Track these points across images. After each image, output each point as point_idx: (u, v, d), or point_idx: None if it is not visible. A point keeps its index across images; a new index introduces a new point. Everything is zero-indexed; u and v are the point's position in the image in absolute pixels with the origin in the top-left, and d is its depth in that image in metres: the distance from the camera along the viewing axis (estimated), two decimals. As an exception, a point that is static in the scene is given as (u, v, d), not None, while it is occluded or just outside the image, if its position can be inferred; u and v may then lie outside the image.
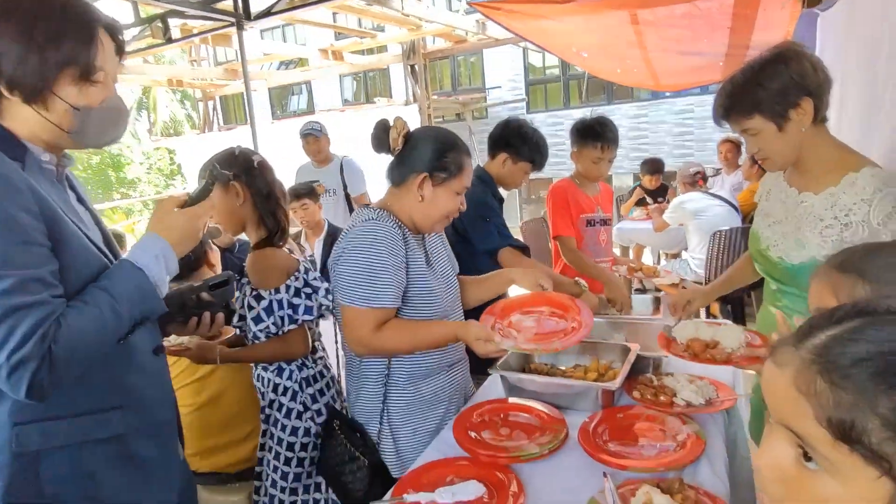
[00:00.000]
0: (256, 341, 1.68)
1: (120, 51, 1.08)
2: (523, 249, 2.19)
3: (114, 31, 1.06)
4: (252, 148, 4.61)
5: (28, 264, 0.92)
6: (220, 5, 4.87)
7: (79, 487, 1.06)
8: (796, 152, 1.39)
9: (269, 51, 8.28)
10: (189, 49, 9.79)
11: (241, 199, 1.65)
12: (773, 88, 1.33)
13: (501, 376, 1.61)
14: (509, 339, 1.36)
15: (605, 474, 1.11)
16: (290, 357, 1.72)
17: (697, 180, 4.28)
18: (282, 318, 1.66)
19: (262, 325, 1.66)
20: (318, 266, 3.52)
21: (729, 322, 1.51)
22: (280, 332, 1.66)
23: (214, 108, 10.15)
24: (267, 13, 4.89)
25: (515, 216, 10.70)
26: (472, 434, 1.41)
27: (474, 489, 1.17)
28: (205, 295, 1.31)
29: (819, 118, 1.36)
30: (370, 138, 1.57)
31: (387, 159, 1.60)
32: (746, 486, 1.65)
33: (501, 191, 2.40)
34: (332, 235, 3.38)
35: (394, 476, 1.54)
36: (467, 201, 1.68)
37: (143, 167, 18.92)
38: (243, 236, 4.14)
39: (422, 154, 1.50)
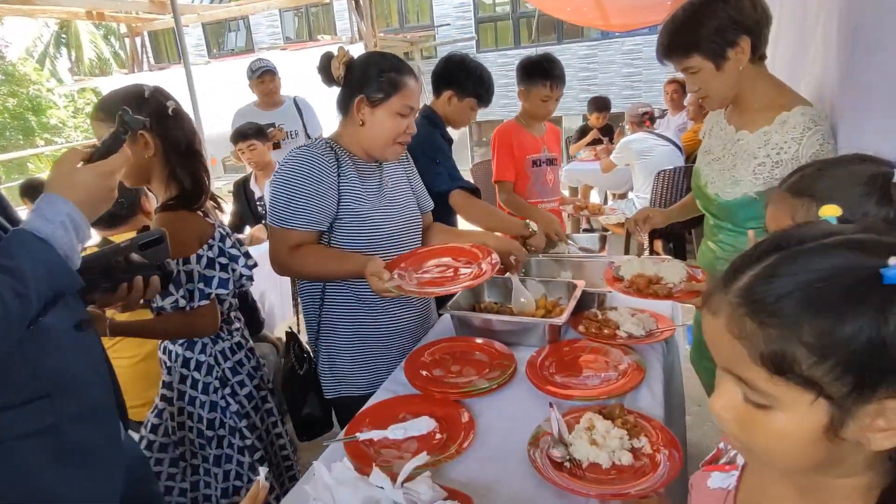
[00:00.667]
0: (162, 313, 1.48)
1: None
2: (474, 191, 2.18)
3: None
4: (187, 88, 4.33)
5: None
6: (139, -73, 4.42)
7: (13, 488, 0.95)
8: (734, 90, 1.41)
9: (200, -19, 7.64)
10: (109, -22, 8.92)
11: (151, 150, 1.41)
12: (710, 27, 1.33)
13: (451, 315, 1.63)
14: (395, 279, 1.38)
15: (551, 404, 1.16)
16: (194, 336, 1.55)
17: (645, 121, 4.33)
18: (191, 292, 1.47)
19: (169, 300, 1.44)
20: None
21: (672, 258, 1.57)
22: (189, 308, 1.47)
23: (143, 45, 9.41)
24: (194, -63, 4.47)
25: (466, 158, 10.63)
26: (424, 373, 1.43)
27: (426, 424, 1.20)
28: (134, 256, 1.15)
29: (757, 56, 1.37)
30: (317, 72, 1.55)
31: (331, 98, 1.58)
32: (679, 408, 1.78)
33: (452, 131, 2.36)
34: None
35: (325, 397, 1.66)
36: (416, 143, 1.67)
37: (67, 111, 17.54)
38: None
39: (357, 77, 1.50)
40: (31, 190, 3.07)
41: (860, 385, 0.48)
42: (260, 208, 3.34)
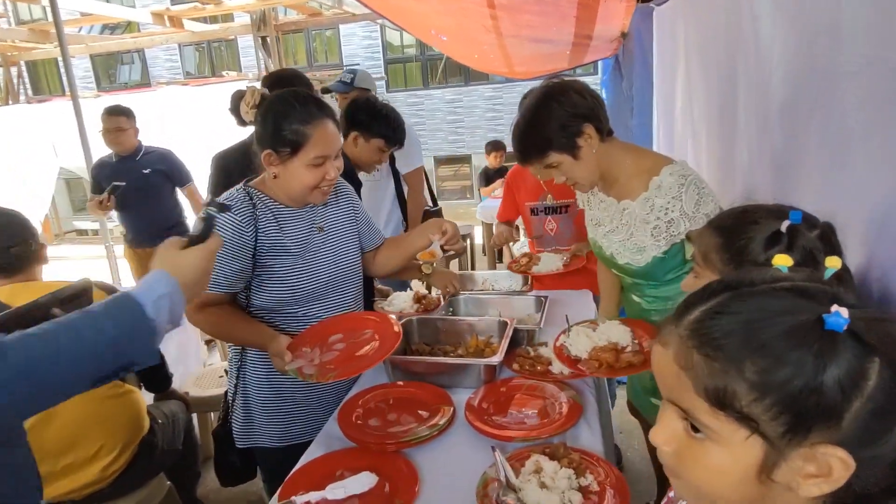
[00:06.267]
0: None
1: None
2: None
3: None
4: (76, 122, 4.02)
5: None
6: (21, -48, 4.09)
7: None
8: (598, 170, 1.51)
9: (89, 10, 7.16)
10: (-20, 3, 8.16)
11: None
12: (554, 125, 1.43)
13: (384, 360, 1.57)
14: (296, 361, 1.35)
15: (493, 448, 1.14)
16: None
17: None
18: None
19: None
20: None
21: (608, 321, 1.52)
22: None
23: (20, 76, 8.61)
24: (85, -34, 4.21)
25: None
26: (359, 423, 1.37)
27: (367, 480, 1.14)
28: (56, 311, 1.05)
29: (605, 134, 1.48)
30: (229, 112, 1.46)
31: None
32: (609, 433, 1.82)
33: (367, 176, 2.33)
34: None
35: (237, 446, 1.58)
36: None
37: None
38: (152, 144, 3.67)
39: (263, 128, 1.42)
40: None
41: (794, 427, 0.49)
42: None
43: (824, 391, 0.48)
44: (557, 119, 1.42)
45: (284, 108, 1.40)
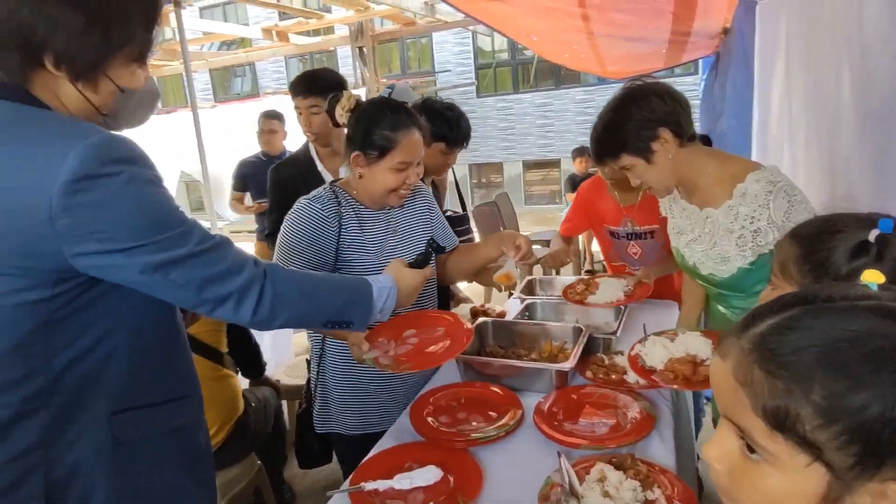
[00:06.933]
0: None
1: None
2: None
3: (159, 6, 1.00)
4: (195, 131, 4.47)
5: None
6: (154, -20, 4.59)
7: (166, 473, 1.05)
8: (674, 176, 1.46)
9: (210, 30, 7.88)
10: (121, 26, 9.20)
11: None
12: (630, 128, 1.40)
13: (457, 360, 1.61)
14: (373, 351, 1.39)
15: (559, 453, 1.14)
16: None
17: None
18: None
19: None
20: None
21: (688, 331, 1.43)
22: None
23: (151, 90, 9.63)
24: (205, -10, 4.65)
25: (466, 200, 10.73)
26: (430, 420, 1.41)
27: (433, 474, 1.17)
28: None
29: (686, 139, 1.42)
30: (325, 114, 1.62)
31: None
32: (689, 453, 1.73)
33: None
34: None
35: (317, 431, 1.67)
36: None
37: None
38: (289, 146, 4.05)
39: (354, 131, 1.51)
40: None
41: (865, 459, 0.45)
42: None
43: None
44: (634, 122, 1.40)
45: (376, 114, 1.49)
